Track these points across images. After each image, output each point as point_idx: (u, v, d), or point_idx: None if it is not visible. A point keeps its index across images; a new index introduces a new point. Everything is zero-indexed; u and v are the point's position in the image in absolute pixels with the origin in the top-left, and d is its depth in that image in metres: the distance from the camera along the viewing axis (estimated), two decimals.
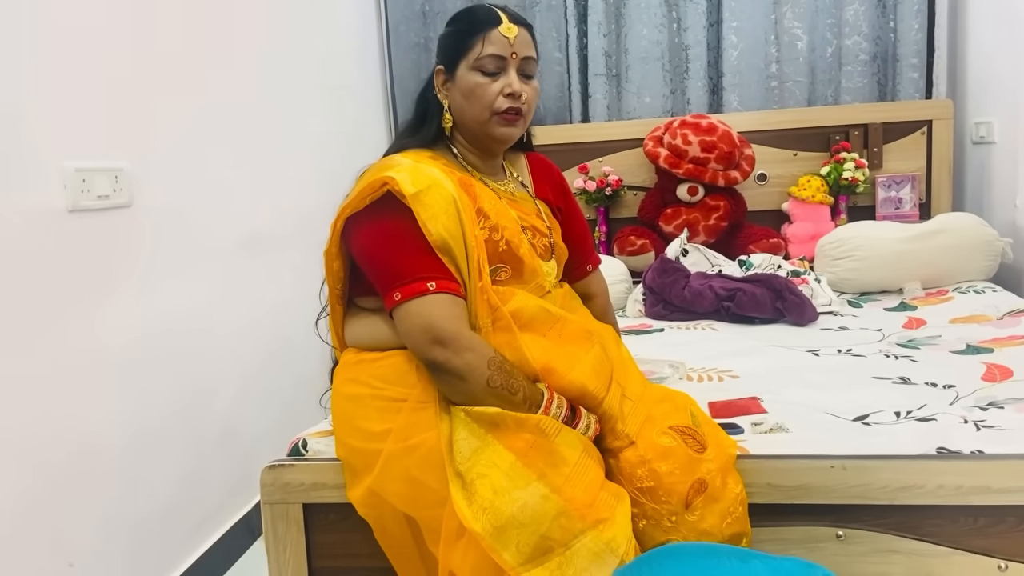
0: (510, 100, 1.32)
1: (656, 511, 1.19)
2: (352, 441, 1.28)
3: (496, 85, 1.32)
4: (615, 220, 3.19)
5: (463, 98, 1.34)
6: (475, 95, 1.32)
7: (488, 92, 1.31)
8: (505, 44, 1.31)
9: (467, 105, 1.34)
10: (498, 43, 1.31)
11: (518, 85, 1.32)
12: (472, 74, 1.32)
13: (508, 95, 1.32)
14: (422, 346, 1.18)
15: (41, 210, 1.55)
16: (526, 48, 1.34)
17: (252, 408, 2.27)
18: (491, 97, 1.32)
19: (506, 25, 1.32)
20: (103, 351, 1.69)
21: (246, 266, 2.26)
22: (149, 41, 1.87)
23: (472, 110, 1.33)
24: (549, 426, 1.15)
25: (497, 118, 1.33)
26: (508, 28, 1.32)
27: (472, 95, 1.32)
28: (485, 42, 1.31)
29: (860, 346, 1.98)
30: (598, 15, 3.25)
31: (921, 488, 1.25)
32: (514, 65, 1.33)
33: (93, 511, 1.66)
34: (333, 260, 1.32)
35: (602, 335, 1.36)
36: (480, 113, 1.33)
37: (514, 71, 1.33)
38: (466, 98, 1.33)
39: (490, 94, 1.31)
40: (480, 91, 1.32)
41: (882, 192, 3.03)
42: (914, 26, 3.08)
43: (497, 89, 1.31)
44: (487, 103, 1.32)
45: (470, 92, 1.32)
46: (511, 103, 1.32)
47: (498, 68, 1.32)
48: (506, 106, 1.32)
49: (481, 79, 1.32)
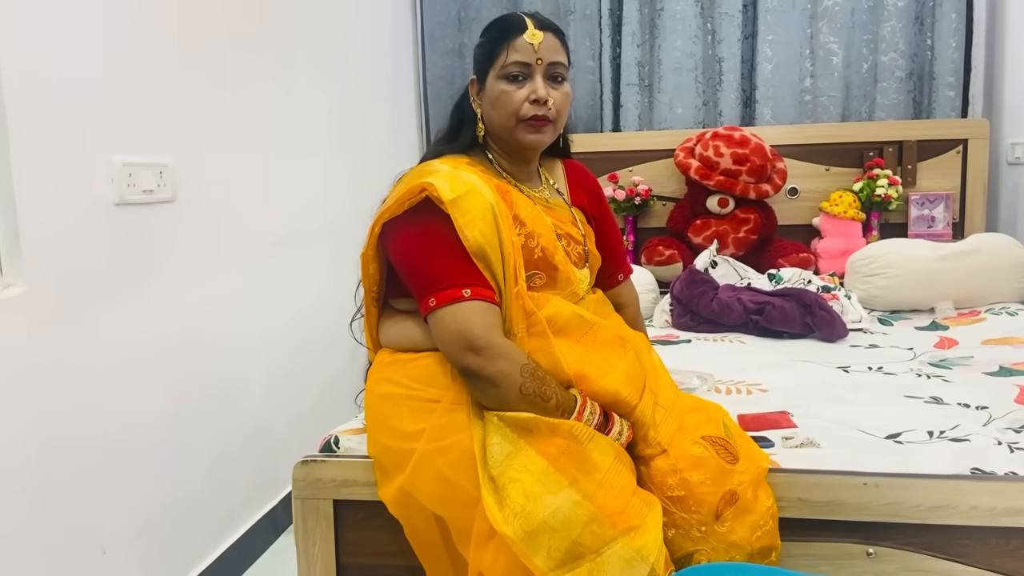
0: (535, 107, 1.33)
1: (686, 521, 1.19)
2: (385, 440, 1.29)
3: (521, 92, 1.33)
4: (643, 230, 3.19)
5: (491, 107, 1.36)
6: (501, 102, 1.34)
7: (513, 99, 1.33)
8: (529, 50, 1.32)
9: (495, 113, 1.35)
10: (523, 50, 1.32)
11: (543, 91, 1.33)
12: (499, 82, 1.34)
13: (534, 101, 1.33)
14: (456, 353, 1.19)
15: (89, 202, 1.59)
16: (553, 53, 1.34)
17: (281, 404, 2.29)
18: (516, 104, 1.33)
19: (531, 31, 1.32)
20: (139, 343, 1.72)
21: (279, 263, 2.29)
22: (197, 42, 1.90)
23: (499, 118, 1.35)
24: (582, 432, 1.16)
25: (523, 125, 1.34)
26: (533, 34, 1.32)
27: (498, 103, 1.34)
28: (510, 50, 1.32)
29: (891, 364, 1.97)
30: (632, 25, 3.26)
31: (954, 508, 1.24)
32: (540, 71, 1.33)
33: (125, 500, 1.69)
34: (370, 263, 1.34)
35: (635, 342, 1.37)
36: (506, 120, 1.34)
37: (540, 77, 1.33)
38: (493, 106, 1.35)
39: (515, 101, 1.33)
40: (505, 98, 1.33)
41: (915, 210, 3.00)
42: (951, 44, 3.07)
43: (523, 96, 1.33)
44: (512, 110, 1.33)
45: (496, 100, 1.34)
46: (536, 109, 1.33)
47: (523, 75, 1.33)
48: (531, 113, 1.33)
49: (507, 86, 1.33)
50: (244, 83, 2.11)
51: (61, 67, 1.52)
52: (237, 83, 2.08)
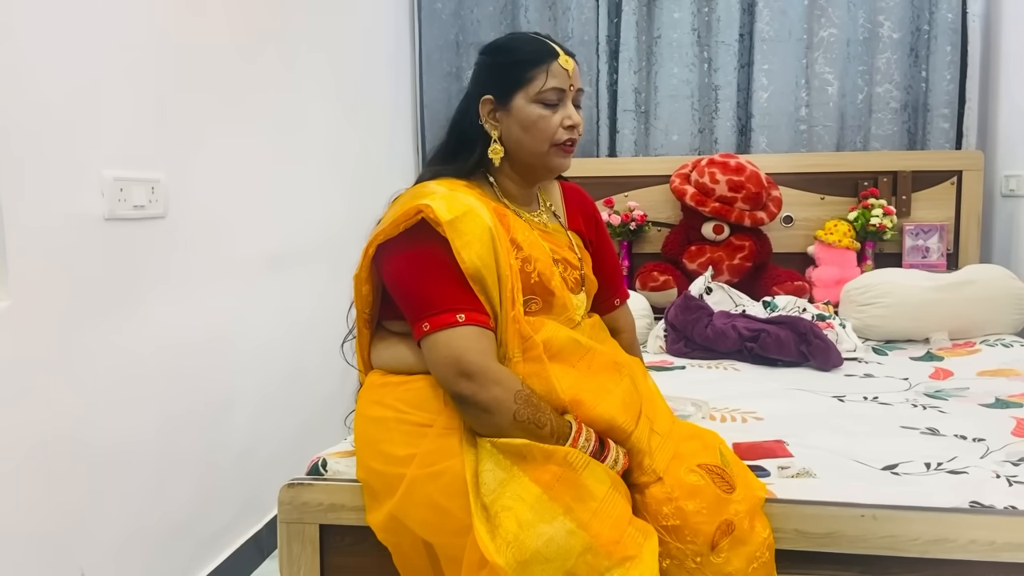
0: (569, 132, 1.35)
1: (681, 551, 1.16)
2: (375, 464, 1.26)
3: (556, 117, 1.34)
4: (638, 255, 3.18)
5: (522, 130, 1.34)
6: (538, 127, 1.33)
7: (550, 124, 1.33)
8: (565, 76, 1.34)
9: (527, 137, 1.34)
10: (559, 76, 1.33)
11: (577, 117, 1.36)
12: (533, 106, 1.33)
13: (568, 127, 1.34)
14: (449, 378, 1.17)
15: (79, 216, 1.56)
16: (579, 80, 1.38)
17: (268, 425, 2.26)
18: (552, 129, 1.33)
19: (564, 58, 1.34)
20: (126, 361, 1.70)
21: (271, 282, 2.27)
22: (191, 58, 1.90)
23: (533, 142, 1.34)
24: (577, 459, 1.14)
25: (555, 149, 1.35)
26: (567, 61, 1.34)
27: (535, 127, 1.33)
28: (548, 75, 1.32)
29: (886, 394, 1.95)
30: (629, 52, 3.27)
31: (953, 542, 1.23)
32: (570, 96, 1.35)
33: (107, 521, 1.65)
34: (363, 284, 1.32)
35: (631, 367, 1.35)
36: (540, 145, 1.34)
37: (571, 102, 1.35)
38: (526, 130, 1.34)
39: (552, 126, 1.33)
40: (543, 123, 1.33)
41: (909, 240, 3.01)
42: (946, 76, 3.09)
43: (558, 121, 1.34)
44: (548, 135, 1.34)
45: (532, 124, 1.33)
46: (570, 135, 1.35)
47: (559, 100, 1.34)
48: (565, 137, 1.35)
49: (544, 111, 1.33)
50: (241, 100, 2.11)
51: (51, 79, 1.50)
52: (233, 100, 2.07)
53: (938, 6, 3.08)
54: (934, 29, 3.10)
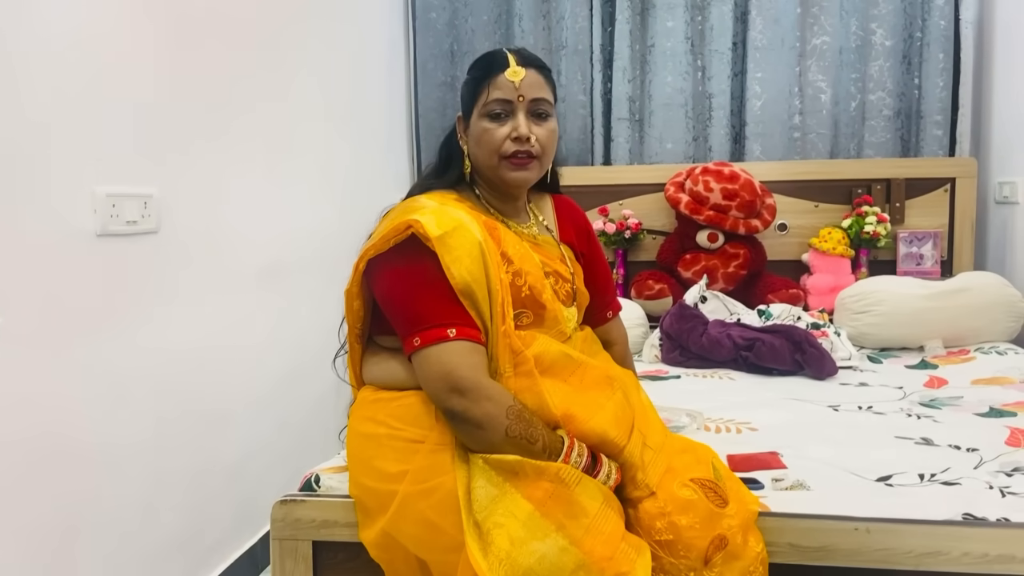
0: (517, 144, 1.31)
1: (674, 566, 1.16)
2: (367, 481, 1.26)
3: (503, 129, 1.31)
4: (633, 263, 3.19)
5: (476, 145, 1.35)
6: (483, 141, 1.32)
7: (495, 137, 1.31)
8: (511, 88, 1.31)
9: (479, 151, 1.34)
10: (504, 87, 1.31)
11: (524, 129, 1.31)
12: (481, 120, 1.33)
13: (515, 139, 1.31)
14: (440, 394, 1.17)
15: (71, 233, 1.56)
16: (535, 90, 1.33)
17: (262, 439, 2.25)
18: (498, 142, 1.31)
19: (512, 69, 1.31)
20: (119, 377, 1.69)
21: (263, 297, 2.27)
22: (182, 72, 1.89)
23: (483, 156, 1.34)
24: (569, 475, 1.13)
25: (505, 162, 1.33)
26: (514, 72, 1.31)
27: (481, 141, 1.33)
28: (491, 87, 1.31)
29: (881, 403, 1.95)
30: (623, 61, 3.28)
31: (946, 555, 1.23)
32: (523, 108, 1.32)
33: (99, 537, 1.64)
34: (354, 300, 1.32)
35: (624, 381, 1.35)
36: (488, 158, 1.33)
37: (523, 114, 1.31)
38: (477, 144, 1.34)
39: (497, 139, 1.31)
40: (487, 136, 1.32)
41: (903, 248, 3.01)
42: (939, 84, 3.10)
43: (504, 133, 1.31)
44: (494, 148, 1.32)
45: (479, 138, 1.33)
46: (518, 147, 1.31)
47: (506, 112, 1.31)
48: (513, 150, 1.31)
49: (488, 124, 1.32)
50: (233, 115, 2.10)
51: (43, 94, 1.50)
52: (225, 113, 2.07)
53: (931, 13, 3.09)
54: (927, 36, 3.11)
